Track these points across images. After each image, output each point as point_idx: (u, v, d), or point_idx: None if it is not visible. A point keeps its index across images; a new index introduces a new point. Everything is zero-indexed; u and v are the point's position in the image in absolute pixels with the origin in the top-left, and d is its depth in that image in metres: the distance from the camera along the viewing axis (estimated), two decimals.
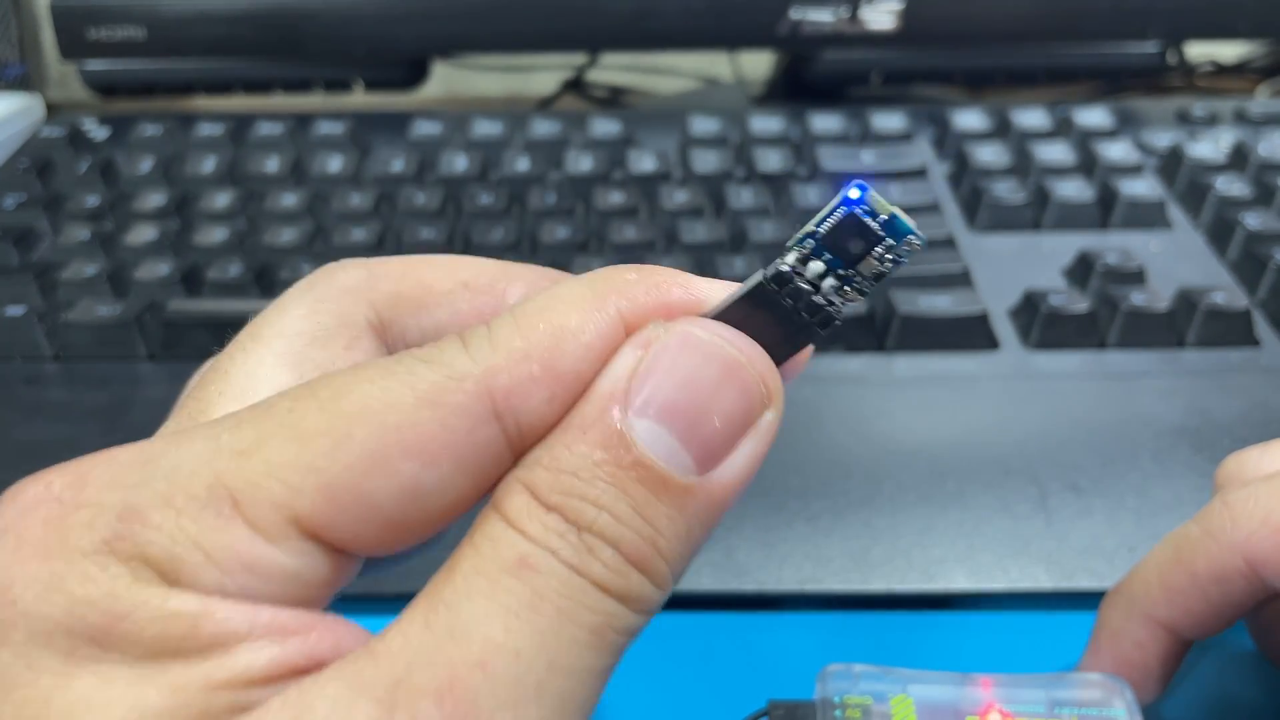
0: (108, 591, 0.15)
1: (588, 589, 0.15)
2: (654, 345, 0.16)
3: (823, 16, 0.53)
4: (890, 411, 0.35)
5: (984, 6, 0.54)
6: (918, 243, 0.17)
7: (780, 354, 0.17)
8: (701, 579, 0.30)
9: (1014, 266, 0.42)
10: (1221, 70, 0.66)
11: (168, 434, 0.17)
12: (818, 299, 0.17)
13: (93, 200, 0.46)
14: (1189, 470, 0.33)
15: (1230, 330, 0.38)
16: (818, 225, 0.17)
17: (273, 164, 0.48)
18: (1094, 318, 0.38)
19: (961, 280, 0.40)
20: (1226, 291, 0.38)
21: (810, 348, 0.18)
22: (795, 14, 0.53)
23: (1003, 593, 0.30)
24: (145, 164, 0.48)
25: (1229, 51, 0.66)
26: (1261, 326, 0.39)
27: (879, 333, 0.38)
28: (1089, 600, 0.27)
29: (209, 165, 0.48)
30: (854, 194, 0.17)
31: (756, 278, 0.17)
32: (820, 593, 0.30)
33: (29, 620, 0.15)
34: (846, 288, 0.17)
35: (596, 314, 0.17)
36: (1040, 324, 0.38)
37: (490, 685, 0.15)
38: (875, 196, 0.17)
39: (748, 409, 0.17)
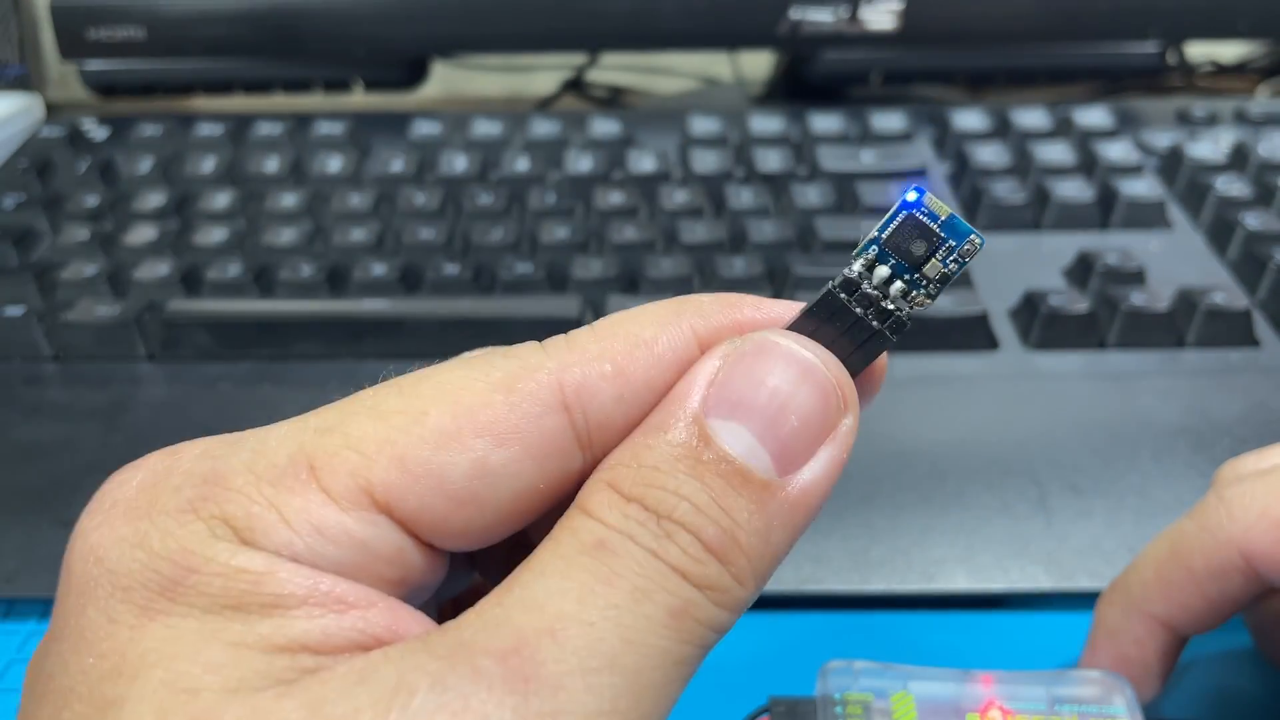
0: (183, 546, 0.16)
1: (665, 571, 0.16)
2: (732, 353, 0.17)
3: (823, 16, 0.53)
4: (890, 412, 0.35)
5: (984, 6, 0.54)
6: (979, 242, 0.17)
7: (854, 364, 0.17)
8: None
9: (1014, 266, 0.42)
10: (1221, 70, 0.66)
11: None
12: (887, 304, 0.17)
13: (92, 200, 0.46)
14: (1189, 470, 0.33)
15: (1230, 330, 0.38)
16: (880, 231, 0.17)
17: (272, 164, 0.48)
18: (1094, 318, 0.38)
19: (961, 280, 0.40)
20: (1226, 291, 0.38)
21: (885, 361, 0.18)
22: (795, 14, 0.53)
23: (1003, 593, 0.30)
24: (145, 164, 0.48)
25: (1229, 51, 0.66)
26: (1261, 326, 0.39)
27: None
28: (1089, 600, 0.27)
29: (209, 165, 0.48)
30: (911, 196, 0.17)
31: (826, 287, 0.17)
32: (820, 593, 0.30)
33: (112, 576, 0.16)
34: (914, 292, 0.17)
35: (670, 327, 0.17)
36: (1040, 324, 0.38)
37: (559, 651, 0.15)
38: (933, 198, 0.17)
39: (825, 412, 0.17)
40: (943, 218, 0.17)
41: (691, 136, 0.49)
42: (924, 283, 0.17)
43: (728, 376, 0.17)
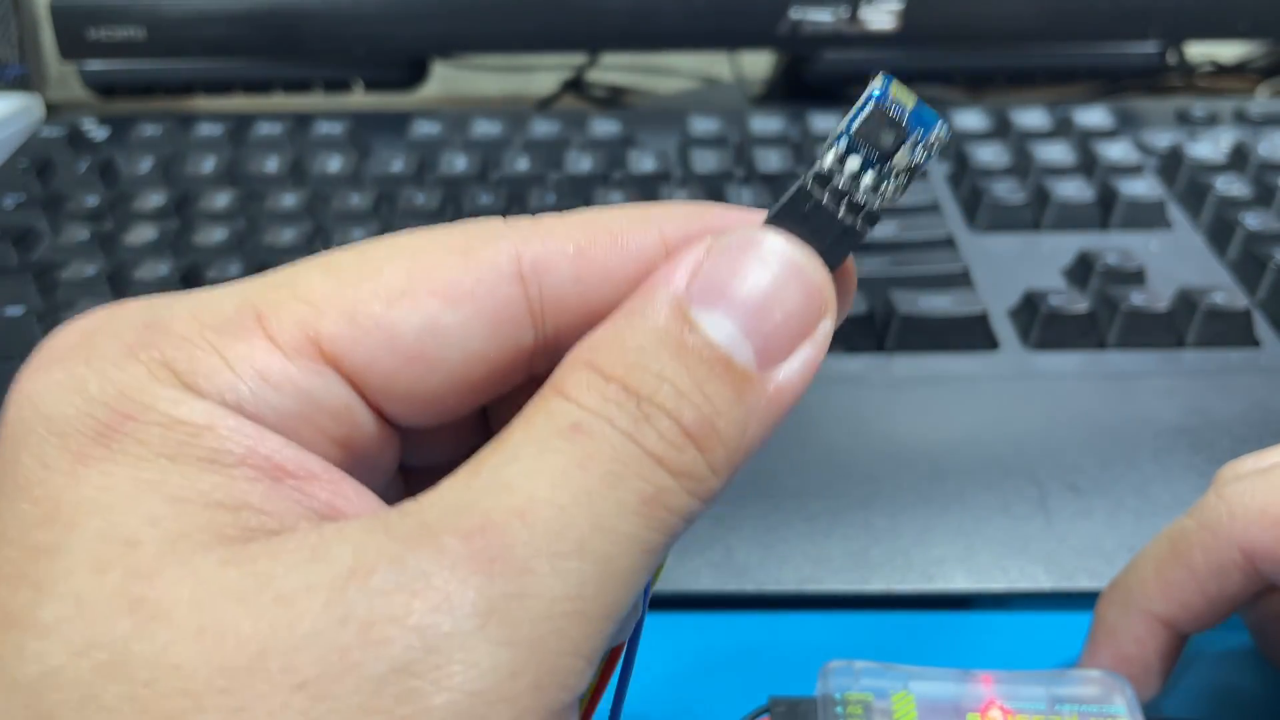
0: (120, 391, 0.15)
1: (640, 457, 0.15)
2: (716, 246, 0.17)
3: (823, 16, 0.53)
4: (890, 411, 0.35)
5: (984, 6, 0.54)
6: (944, 133, 0.17)
7: (829, 261, 0.17)
8: (701, 579, 0.30)
9: (1014, 266, 0.42)
10: (1221, 70, 0.66)
11: None
12: (859, 197, 0.17)
13: (92, 200, 0.46)
14: (1189, 470, 0.33)
15: (1230, 330, 0.38)
16: (849, 122, 0.17)
17: (272, 164, 0.48)
18: (1094, 318, 0.38)
19: (961, 280, 0.40)
20: (1226, 291, 0.38)
21: (852, 265, 0.18)
22: (795, 14, 0.53)
23: (1002, 593, 0.30)
24: (145, 164, 0.48)
25: (1229, 51, 0.66)
26: (1261, 326, 0.39)
27: (879, 333, 0.38)
28: (1089, 600, 0.27)
29: (209, 165, 0.48)
30: (879, 86, 0.17)
31: (798, 183, 0.17)
32: (820, 593, 0.30)
33: (47, 421, 0.15)
34: (885, 183, 0.17)
35: (639, 225, 0.17)
36: (1040, 324, 0.38)
37: (528, 533, 0.14)
38: (899, 87, 0.17)
39: (807, 311, 0.17)
40: (910, 107, 0.17)
41: (691, 136, 0.49)
42: (894, 173, 0.17)
43: (713, 267, 0.16)
